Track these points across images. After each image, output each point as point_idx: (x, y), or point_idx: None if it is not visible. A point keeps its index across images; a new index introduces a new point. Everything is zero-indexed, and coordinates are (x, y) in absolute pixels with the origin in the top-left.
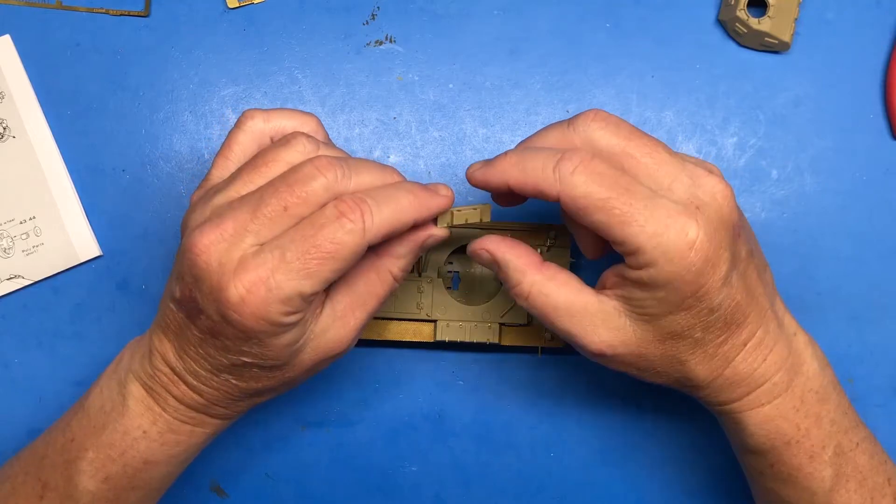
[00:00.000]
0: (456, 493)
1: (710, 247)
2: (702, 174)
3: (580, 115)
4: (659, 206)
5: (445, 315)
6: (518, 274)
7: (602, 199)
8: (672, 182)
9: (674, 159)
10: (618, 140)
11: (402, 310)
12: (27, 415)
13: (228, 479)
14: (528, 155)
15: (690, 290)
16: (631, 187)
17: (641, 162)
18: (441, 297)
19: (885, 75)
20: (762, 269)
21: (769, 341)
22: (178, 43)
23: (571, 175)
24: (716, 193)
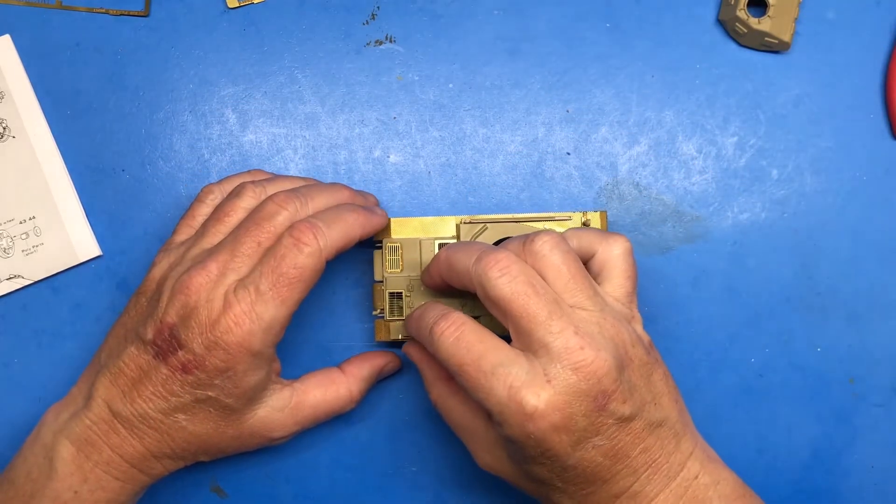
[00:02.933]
0: (456, 493)
1: (554, 419)
2: (572, 348)
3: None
4: (508, 375)
5: (487, 311)
6: (428, 384)
7: (458, 364)
8: (539, 349)
9: (549, 324)
10: (507, 294)
11: None
12: (27, 415)
13: (228, 479)
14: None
15: (536, 451)
16: (487, 354)
17: (519, 322)
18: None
19: (885, 75)
20: (657, 420)
21: (649, 490)
22: (178, 43)
23: (440, 336)
24: (578, 368)
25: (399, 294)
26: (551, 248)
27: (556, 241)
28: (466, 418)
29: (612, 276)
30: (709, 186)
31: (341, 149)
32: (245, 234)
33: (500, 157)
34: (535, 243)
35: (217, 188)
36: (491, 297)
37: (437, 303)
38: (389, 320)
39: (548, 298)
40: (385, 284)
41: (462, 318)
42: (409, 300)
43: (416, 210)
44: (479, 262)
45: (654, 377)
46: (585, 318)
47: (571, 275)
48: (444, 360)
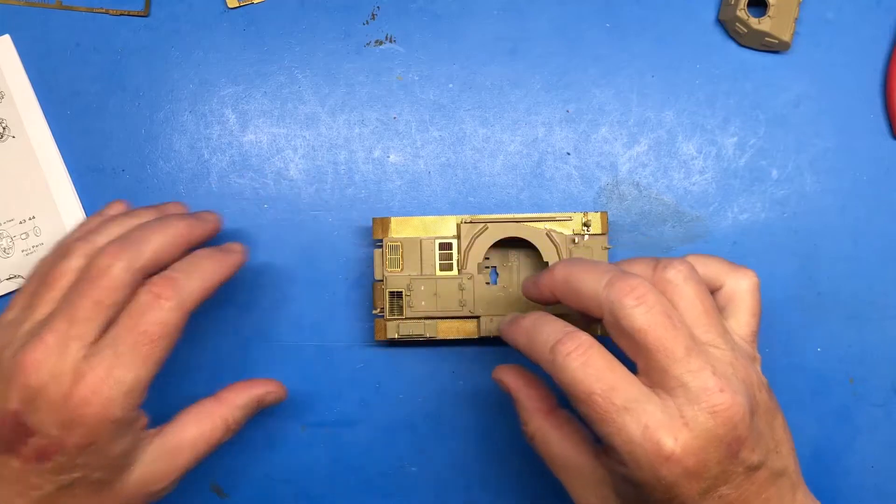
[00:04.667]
0: (456, 493)
1: (688, 463)
2: (710, 389)
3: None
4: (643, 412)
5: (488, 310)
6: (527, 414)
7: (586, 392)
8: (675, 387)
9: (688, 362)
10: (642, 325)
11: (445, 308)
12: None
13: (228, 479)
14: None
15: (662, 496)
16: (619, 386)
17: (654, 357)
18: (482, 292)
19: (885, 75)
20: (779, 471)
21: None
22: (178, 43)
23: (565, 358)
24: (716, 412)
25: (399, 293)
26: (685, 278)
27: (689, 271)
28: (570, 455)
29: (738, 313)
30: (709, 186)
31: (341, 149)
32: (80, 295)
33: (500, 157)
34: (669, 271)
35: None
36: (625, 327)
37: (550, 316)
38: (389, 319)
39: (685, 333)
40: (385, 283)
41: (590, 341)
42: (408, 299)
43: (416, 210)
44: (611, 288)
45: (775, 423)
46: (720, 358)
47: (704, 309)
48: (568, 384)
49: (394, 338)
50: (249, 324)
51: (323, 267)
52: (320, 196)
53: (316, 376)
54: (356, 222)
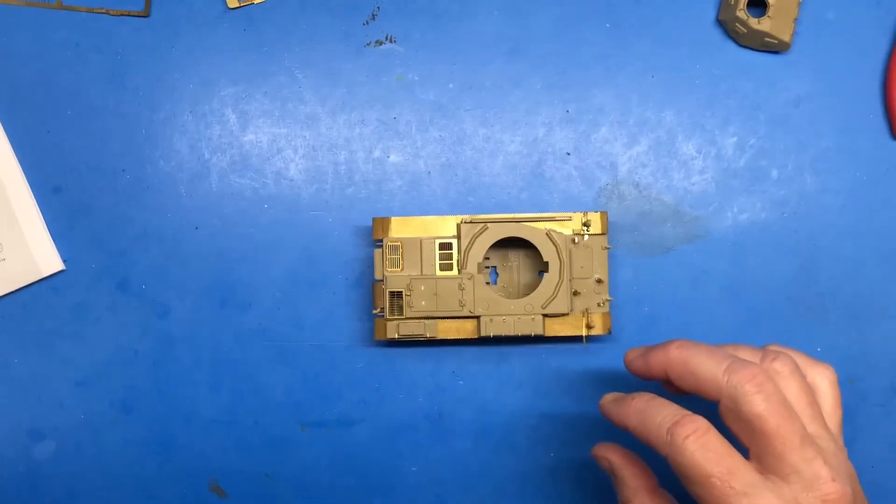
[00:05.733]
0: (456, 493)
1: None
2: (823, 478)
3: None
4: (761, 497)
5: (488, 310)
6: (630, 492)
7: (705, 475)
8: (790, 474)
9: (803, 450)
10: (762, 412)
11: (445, 308)
12: (27, 415)
13: (228, 479)
14: (654, 402)
15: None
16: (737, 471)
17: (771, 443)
18: (482, 292)
19: (885, 75)
20: None
21: None
22: (178, 43)
23: (684, 440)
24: (827, 501)
25: (399, 293)
26: (791, 371)
27: (794, 365)
28: None
29: (824, 405)
30: (709, 186)
31: (341, 149)
32: None
33: (500, 157)
34: (776, 364)
35: None
36: (744, 412)
37: (662, 398)
38: (389, 319)
39: (800, 423)
40: (385, 283)
41: (707, 425)
42: (408, 299)
43: (416, 210)
44: (732, 374)
45: None
46: (826, 449)
47: (809, 402)
48: (687, 466)
49: (394, 338)
50: (249, 324)
51: (323, 267)
52: (320, 196)
53: (316, 376)
54: (356, 222)
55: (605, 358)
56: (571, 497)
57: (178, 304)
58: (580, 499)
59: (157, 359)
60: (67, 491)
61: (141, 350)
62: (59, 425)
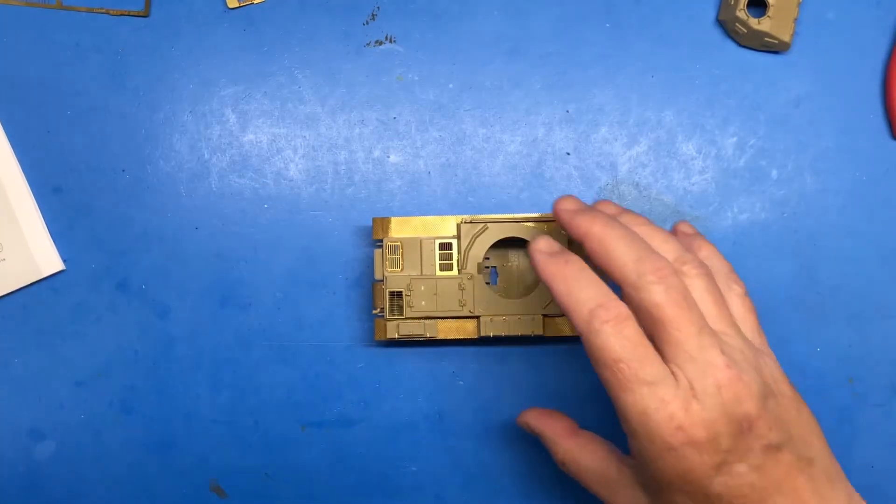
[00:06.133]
0: (456, 493)
1: (697, 434)
2: (718, 365)
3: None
4: (662, 387)
5: (488, 310)
6: (553, 443)
7: (614, 360)
8: (686, 361)
9: (699, 338)
10: (662, 302)
11: (445, 308)
12: (27, 415)
13: (228, 479)
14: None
15: (677, 473)
16: (645, 361)
17: (667, 331)
18: (482, 292)
19: (885, 75)
20: (808, 459)
21: None
22: (178, 43)
23: (602, 324)
24: (723, 388)
25: (399, 293)
26: (700, 273)
27: (705, 269)
28: (599, 466)
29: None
30: (708, 186)
31: (341, 149)
32: None
33: (500, 157)
34: (688, 265)
35: None
36: (644, 300)
37: (593, 274)
38: (389, 319)
39: (699, 315)
40: (385, 283)
41: (628, 312)
42: (408, 299)
43: (416, 210)
44: (640, 264)
45: (802, 415)
46: (730, 344)
47: (715, 301)
48: (599, 349)
49: (394, 338)
50: (249, 324)
51: (323, 267)
52: (320, 196)
53: (316, 376)
54: (356, 222)
55: None
56: (571, 497)
57: (178, 304)
58: (580, 499)
59: (157, 359)
60: (67, 491)
61: (141, 350)
62: (59, 425)
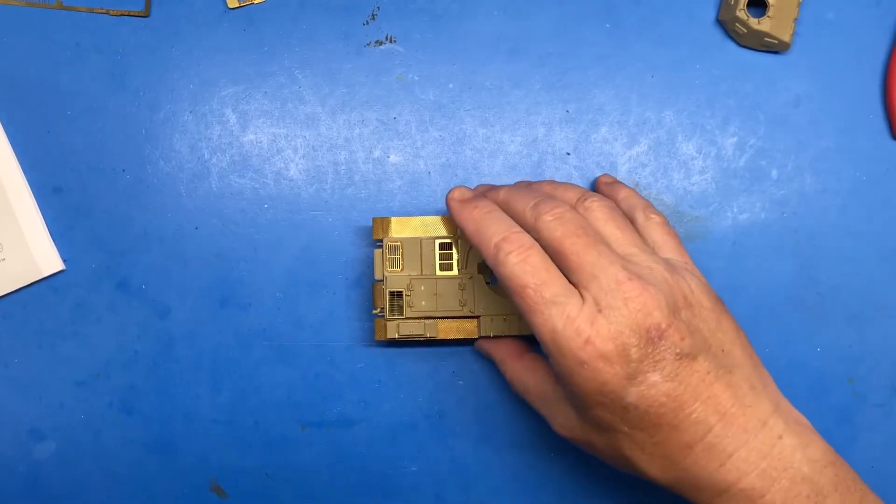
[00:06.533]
0: (456, 493)
1: (605, 346)
2: (621, 279)
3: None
4: (567, 305)
5: (488, 310)
6: (503, 364)
7: (521, 285)
8: (590, 282)
9: (598, 259)
10: (559, 235)
11: (445, 308)
12: (27, 415)
13: (228, 479)
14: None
15: (591, 386)
16: (549, 282)
17: (569, 259)
18: (482, 292)
19: (885, 75)
20: (727, 367)
21: (726, 445)
22: (178, 43)
23: (507, 255)
24: (628, 300)
25: (399, 293)
26: (602, 206)
27: (608, 204)
28: (538, 384)
29: (653, 236)
30: (708, 186)
31: (341, 149)
32: None
33: (500, 157)
34: (587, 200)
35: None
36: (545, 238)
37: (500, 212)
38: (389, 319)
39: (598, 240)
40: (385, 283)
41: (531, 242)
42: (409, 299)
43: (416, 210)
44: (536, 208)
45: (722, 325)
46: (635, 261)
47: (619, 226)
48: (507, 278)
49: (394, 338)
50: (249, 324)
51: (323, 267)
52: (320, 196)
53: (316, 376)
54: (356, 222)
55: None
56: (571, 497)
57: (178, 304)
58: (580, 499)
59: (157, 359)
60: (67, 491)
61: (141, 350)
62: (59, 425)
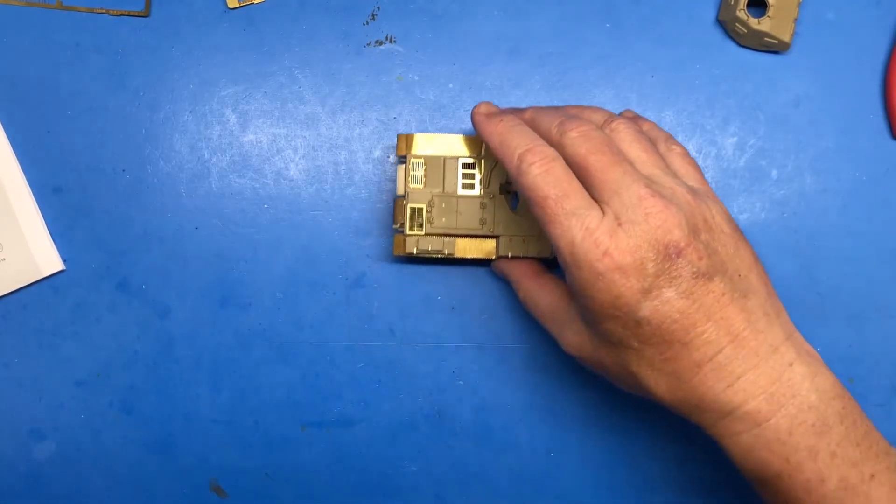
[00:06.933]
0: (456, 493)
1: (623, 259)
2: (643, 196)
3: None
4: (587, 217)
5: (508, 230)
6: (517, 283)
7: (543, 196)
8: (612, 197)
9: (623, 177)
10: (584, 151)
11: (466, 226)
12: (27, 415)
13: (228, 479)
14: (515, 129)
15: (606, 298)
16: (570, 194)
17: (593, 175)
18: (503, 212)
19: (885, 75)
20: (742, 291)
21: (736, 367)
22: (178, 43)
23: (529, 165)
24: (649, 215)
25: (420, 209)
26: (628, 128)
27: (634, 126)
28: (552, 303)
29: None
30: None
31: (341, 149)
32: None
33: None
34: (613, 122)
35: None
36: (569, 154)
37: (524, 125)
38: (409, 234)
39: (623, 160)
40: (406, 199)
41: (553, 155)
42: (429, 216)
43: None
44: (561, 125)
45: (740, 251)
46: (658, 182)
47: (644, 148)
48: (529, 188)
49: (412, 253)
50: (249, 324)
51: (323, 267)
52: (320, 196)
53: (316, 376)
54: (356, 222)
55: None
56: (571, 497)
57: (178, 304)
58: (580, 499)
59: (157, 359)
60: (67, 491)
61: (141, 350)
62: (59, 425)
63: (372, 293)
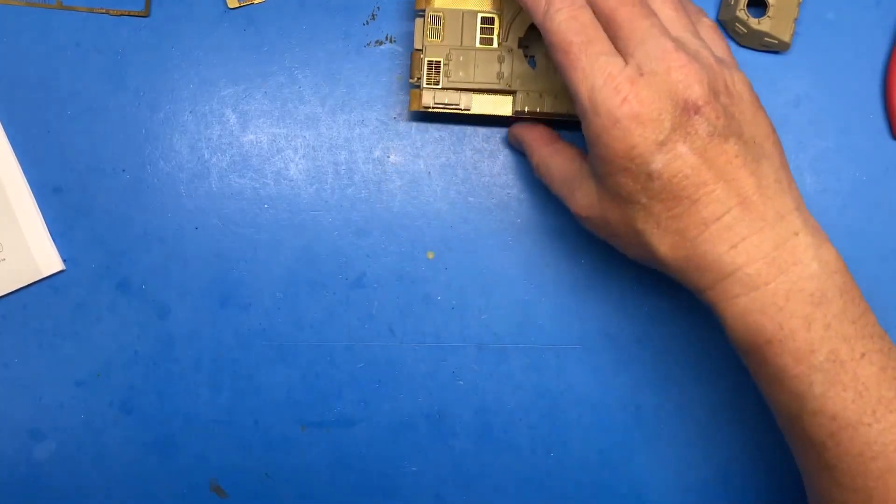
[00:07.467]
0: (456, 493)
1: (642, 108)
2: (668, 49)
3: None
4: (609, 64)
5: (524, 85)
6: (531, 149)
7: (567, 41)
8: (637, 48)
9: (651, 30)
10: (613, 4)
11: (483, 80)
12: (27, 415)
13: (228, 479)
14: None
15: (620, 147)
16: (595, 41)
17: (621, 27)
18: (520, 67)
19: (885, 75)
20: (756, 157)
21: (741, 228)
22: (178, 43)
23: (557, 11)
24: (671, 69)
25: (437, 63)
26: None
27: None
28: (564, 168)
29: (704, 33)
30: None
31: (341, 149)
32: None
33: (500, 157)
34: None
35: None
36: (599, 5)
37: None
38: (426, 88)
39: (651, 13)
40: (424, 52)
41: (581, 2)
42: (446, 69)
43: (416, 210)
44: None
45: (758, 119)
46: (684, 41)
47: (675, 9)
48: (554, 33)
49: (428, 107)
50: (249, 324)
51: (323, 267)
52: (320, 196)
53: (316, 376)
54: (356, 222)
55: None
56: (571, 497)
57: (178, 304)
58: (580, 499)
59: (157, 359)
60: (67, 491)
61: (141, 350)
62: (59, 425)
63: (372, 293)
